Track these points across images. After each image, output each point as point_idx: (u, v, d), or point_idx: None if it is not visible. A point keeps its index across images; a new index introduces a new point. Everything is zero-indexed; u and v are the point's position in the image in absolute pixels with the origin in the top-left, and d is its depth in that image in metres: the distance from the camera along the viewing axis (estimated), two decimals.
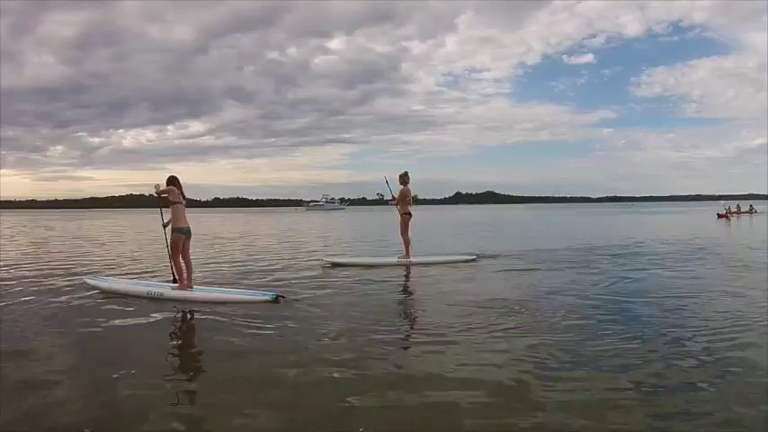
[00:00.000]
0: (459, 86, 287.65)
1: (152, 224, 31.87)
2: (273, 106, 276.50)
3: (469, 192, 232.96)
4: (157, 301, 6.96)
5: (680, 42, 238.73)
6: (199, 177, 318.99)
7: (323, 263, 10.70)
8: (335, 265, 10.44)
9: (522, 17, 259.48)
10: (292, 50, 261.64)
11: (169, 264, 7.47)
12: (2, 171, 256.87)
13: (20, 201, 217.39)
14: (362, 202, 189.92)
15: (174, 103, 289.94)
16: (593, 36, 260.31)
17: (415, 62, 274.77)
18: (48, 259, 12.41)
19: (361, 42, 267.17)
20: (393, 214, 11.72)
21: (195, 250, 9.05)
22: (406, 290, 8.24)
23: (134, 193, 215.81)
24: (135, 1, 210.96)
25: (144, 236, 22.40)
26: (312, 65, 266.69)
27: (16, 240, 20.12)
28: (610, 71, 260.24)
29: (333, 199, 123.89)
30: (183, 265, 7.32)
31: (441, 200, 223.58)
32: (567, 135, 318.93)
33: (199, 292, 7.19)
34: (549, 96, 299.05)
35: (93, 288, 7.64)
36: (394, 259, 10.81)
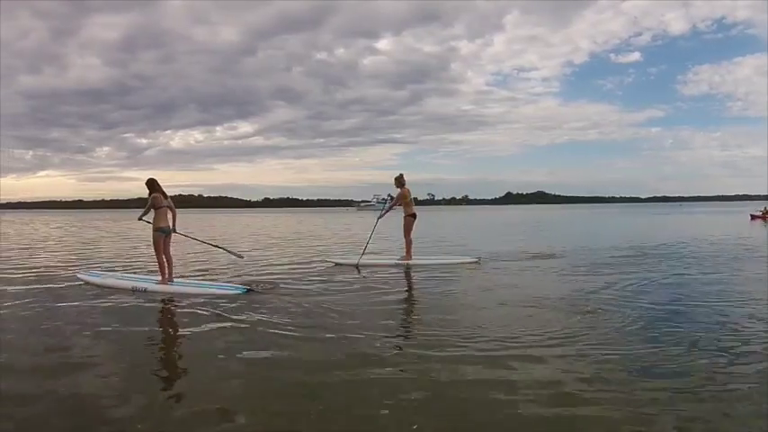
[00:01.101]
0: (507, 86, 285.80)
1: (199, 224, 33.46)
2: (322, 107, 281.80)
3: (520, 192, 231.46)
4: (141, 294, 7.59)
5: (724, 40, 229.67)
6: (247, 178, 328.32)
7: (328, 264, 10.81)
8: (337, 264, 10.62)
9: (569, 16, 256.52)
10: (340, 51, 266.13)
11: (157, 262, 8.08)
12: (47, 172, 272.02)
13: (66, 201, 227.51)
14: (413, 201, 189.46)
15: (222, 104, 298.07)
16: (639, 34, 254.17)
17: (463, 62, 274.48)
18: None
19: (409, 42, 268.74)
20: (442, 214, 12.01)
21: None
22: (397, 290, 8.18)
23: (183, 193, 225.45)
24: (180, 3, 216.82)
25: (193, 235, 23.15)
26: (360, 65, 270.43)
27: (65, 240, 20.78)
28: (656, 69, 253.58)
29: (383, 199, 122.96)
30: (164, 261, 7.95)
31: (491, 200, 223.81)
32: (615, 134, 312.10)
33: (178, 286, 7.78)
34: (597, 95, 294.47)
35: (85, 282, 8.35)
36: (393, 260, 10.93)
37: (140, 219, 8.18)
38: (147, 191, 7.95)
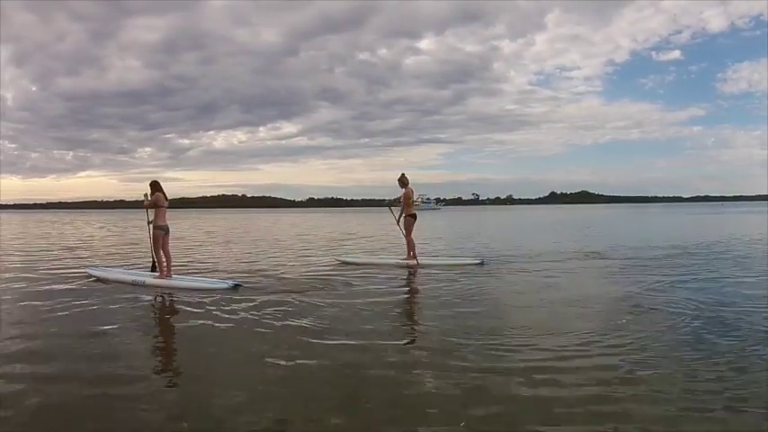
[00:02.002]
0: (550, 85, 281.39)
1: (243, 223, 34.43)
2: (366, 107, 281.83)
3: (564, 191, 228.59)
4: (141, 287, 8.27)
5: (762, 37, 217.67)
6: (292, 178, 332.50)
7: (337, 262, 11.26)
8: (345, 263, 11.00)
9: (609, 14, 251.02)
10: (383, 51, 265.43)
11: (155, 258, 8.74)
12: (88, 172, 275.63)
13: (108, 201, 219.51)
14: (458, 202, 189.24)
15: (265, 104, 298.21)
16: (679, 32, 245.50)
17: (506, 61, 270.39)
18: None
19: (451, 42, 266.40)
20: (485, 214, 12.23)
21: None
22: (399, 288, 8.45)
23: (226, 193, 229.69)
24: (220, 5, 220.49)
25: (238, 234, 23.73)
26: (403, 65, 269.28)
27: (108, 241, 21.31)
28: (696, 68, 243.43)
29: (428, 199, 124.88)
30: (163, 257, 8.61)
31: (535, 200, 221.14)
32: (657, 133, 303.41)
33: (174, 281, 8.43)
34: (638, 94, 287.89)
35: (92, 276, 9.10)
36: (394, 260, 11.15)
37: (148, 218, 8.79)
38: (150, 190, 8.61)
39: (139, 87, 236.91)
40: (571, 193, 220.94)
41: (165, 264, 8.56)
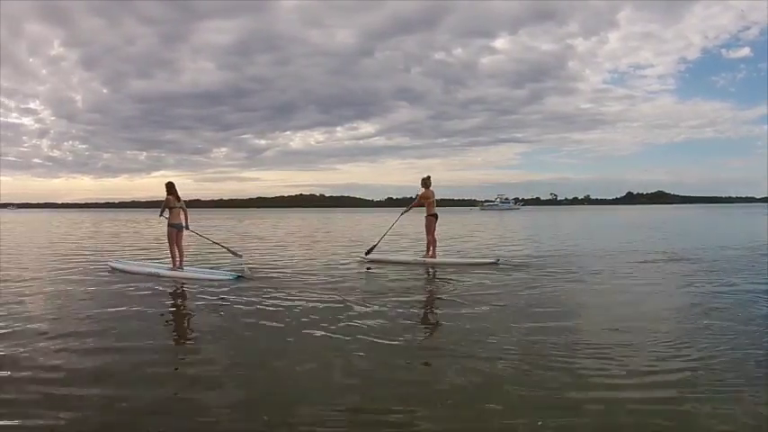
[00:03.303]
0: (624, 84, 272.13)
1: (319, 223, 35.34)
2: (444, 107, 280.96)
3: (640, 191, 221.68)
4: (155, 278, 8.93)
5: None
6: (370, 178, 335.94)
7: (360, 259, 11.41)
8: (371, 260, 11.12)
9: (680, 10, 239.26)
10: (458, 51, 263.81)
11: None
12: (162, 172, 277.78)
13: (183, 200, 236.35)
14: (536, 201, 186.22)
15: (342, 105, 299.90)
16: (748, 28, 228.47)
17: (580, 60, 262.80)
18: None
19: (525, 41, 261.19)
20: (563, 214, 12.14)
21: None
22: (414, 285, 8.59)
23: (304, 193, 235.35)
24: (292, 7, 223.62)
25: (314, 233, 24.15)
26: (479, 65, 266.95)
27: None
28: (766, 65, 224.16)
29: (507, 199, 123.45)
30: (176, 251, 9.29)
31: (612, 200, 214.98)
32: (729, 132, 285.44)
33: (186, 272, 9.06)
34: (711, 92, 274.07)
35: (115, 269, 9.86)
36: (414, 258, 11.23)
37: (160, 215, 9.54)
38: (165, 192, 9.34)
39: (214, 89, 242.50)
40: (647, 193, 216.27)
41: (177, 257, 9.22)
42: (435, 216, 10.93)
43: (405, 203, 11.67)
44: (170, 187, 9.32)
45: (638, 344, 4.69)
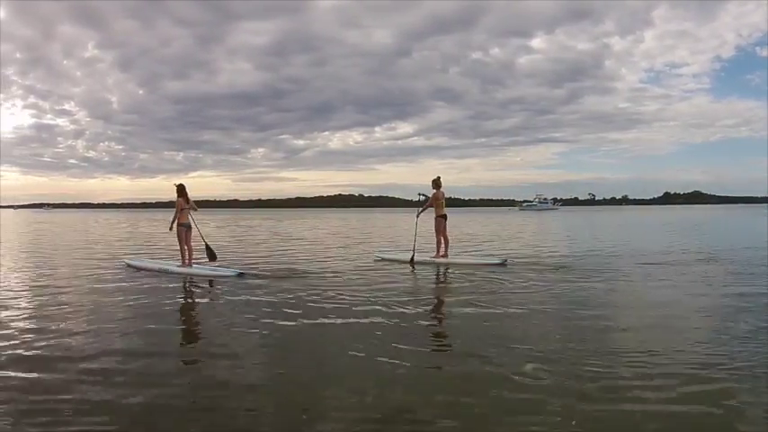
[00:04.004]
0: (660, 83, 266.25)
1: (355, 222, 35.70)
2: (482, 106, 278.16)
3: (677, 191, 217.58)
4: (166, 274, 9.50)
5: None
6: (408, 178, 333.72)
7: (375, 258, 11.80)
8: (383, 260, 11.51)
9: (714, 9, 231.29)
10: (495, 51, 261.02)
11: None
12: (199, 172, 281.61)
13: (220, 200, 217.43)
14: (574, 201, 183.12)
15: (380, 105, 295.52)
16: None
17: (617, 59, 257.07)
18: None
19: (562, 40, 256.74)
20: (602, 215, 12.01)
21: None
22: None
23: (343, 193, 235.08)
24: (328, 8, 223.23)
25: (348, 233, 24.42)
26: (517, 64, 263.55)
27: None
28: None
29: (545, 199, 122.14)
30: (186, 249, 9.84)
31: (649, 200, 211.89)
32: (765, 131, 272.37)
33: (194, 269, 9.59)
34: (746, 91, 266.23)
35: (130, 266, 10.42)
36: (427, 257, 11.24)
37: (172, 222, 9.96)
38: (176, 194, 9.88)
39: (251, 90, 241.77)
40: (684, 194, 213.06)
41: (186, 254, 9.77)
42: (444, 216, 11.05)
43: (445, 204, 11.64)
44: (181, 190, 9.81)
45: (678, 348, 4.54)
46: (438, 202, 11.07)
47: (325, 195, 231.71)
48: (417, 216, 11.43)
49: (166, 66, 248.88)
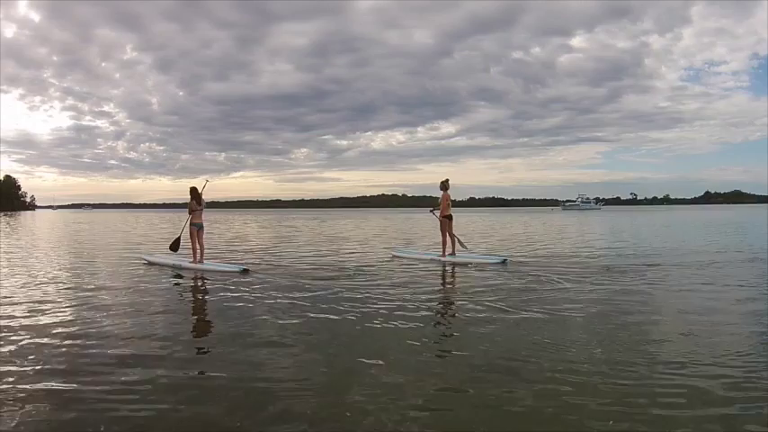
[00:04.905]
0: (700, 81, 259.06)
1: (401, 223, 35.38)
2: (524, 106, 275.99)
3: (717, 191, 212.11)
4: (179, 269, 10.26)
5: None
6: (451, 178, 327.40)
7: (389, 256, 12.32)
8: (395, 257, 12.09)
9: (751, 5, 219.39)
10: (536, 50, 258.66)
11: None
12: (242, 173, 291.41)
13: (263, 200, 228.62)
14: (616, 201, 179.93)
15: (422, 105, 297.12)
16: None
17: (656, 57, 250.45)
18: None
19: (602, 39, 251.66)
20: (645, 215, 11.90)
21: None
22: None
23: (386, 192, 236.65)
24: (368, 9, 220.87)
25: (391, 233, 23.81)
26: (558, 63, 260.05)
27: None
28: None
29: (588, 199, 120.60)
30: (197, 247, 10.60)
31: (690, 200, 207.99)
32: None
33: (204, 265, 10.31)
34: None
35: (147, 262, 11.21)
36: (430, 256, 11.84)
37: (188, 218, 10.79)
38: (190, 196, 10.69)
39: (293, 90, 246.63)
40: (725, 193, 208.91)
41: (198, 252, 10.52)
42: (450, 217, 11.36)
43: (487, 203, 11.90)
44: (193, 192, 10.60)
45: (726, 352, 4.43)
46: (445, 204, 11.42)
47: (368, 195, 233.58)
48: (438, 217, 11.55)
49: (207, 67, 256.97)
